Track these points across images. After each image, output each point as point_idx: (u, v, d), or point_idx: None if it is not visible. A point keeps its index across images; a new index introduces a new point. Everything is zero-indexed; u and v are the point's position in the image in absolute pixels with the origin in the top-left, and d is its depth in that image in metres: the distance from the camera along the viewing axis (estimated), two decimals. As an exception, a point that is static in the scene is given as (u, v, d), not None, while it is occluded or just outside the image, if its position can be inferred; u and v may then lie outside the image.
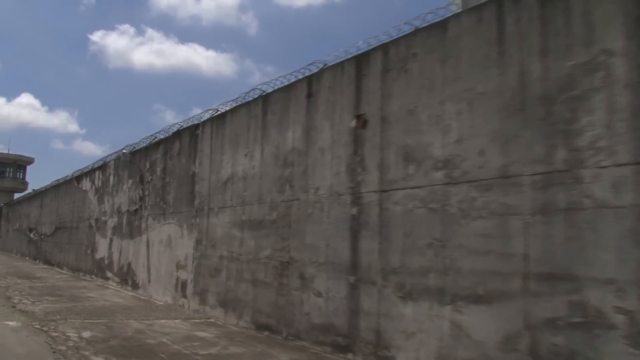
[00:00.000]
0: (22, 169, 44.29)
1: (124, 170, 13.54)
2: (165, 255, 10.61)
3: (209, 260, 8.96)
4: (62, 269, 19.07)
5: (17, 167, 43.60)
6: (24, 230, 28.61)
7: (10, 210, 34.80)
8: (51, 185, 24.35)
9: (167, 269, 10.47)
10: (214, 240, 8.91)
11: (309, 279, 6.60)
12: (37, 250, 24.85)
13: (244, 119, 8.47)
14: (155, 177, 11.59)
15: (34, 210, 26.72)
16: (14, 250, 31.22)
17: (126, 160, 12.35)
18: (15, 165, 43.29)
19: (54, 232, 21.66)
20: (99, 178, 15.85)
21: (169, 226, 10.63)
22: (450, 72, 5.21)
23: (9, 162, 42.77)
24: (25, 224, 28.71)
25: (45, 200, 24.47)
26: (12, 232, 32.87)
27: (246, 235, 8.00)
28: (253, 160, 8.06)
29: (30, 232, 26.84)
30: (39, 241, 24.70)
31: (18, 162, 43.36)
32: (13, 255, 30.42)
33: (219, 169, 9.02)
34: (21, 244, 29.20)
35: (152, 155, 11.84)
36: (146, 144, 12.61)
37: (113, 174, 14.49)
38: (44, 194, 24.90)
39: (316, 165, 6.76)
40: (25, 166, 44.82)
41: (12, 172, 42.94)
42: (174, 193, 10.57)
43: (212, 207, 9.11)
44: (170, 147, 10.98)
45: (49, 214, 23.11)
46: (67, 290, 12.09)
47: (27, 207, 28.87)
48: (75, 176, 19.25)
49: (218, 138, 9.20)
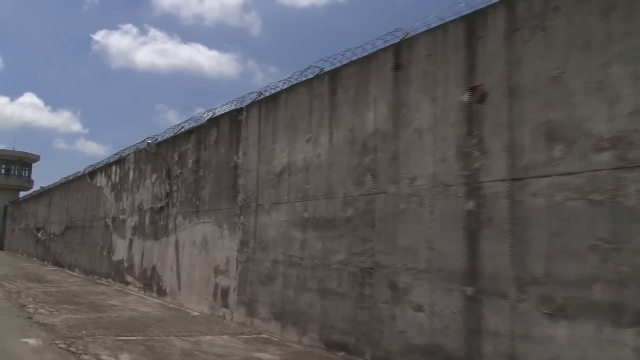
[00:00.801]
0: (27, 166, 42.88)
1: (147, 164, 12.30)
2: (200, 258, 9.35)
3: (259, 265, 7.70)
4: (74, 272, 17.80)
5: (23, 165, 42.18)
6: (31, 230, 27.34)
7: (16, 209, 33.52)
8: (60, 182, 23.12)
9: (203, 274, 9.21)
10: (264, 241, 7.65)
11: (403, 290, 5.35)
12: (45, 250, 23.57)
13: (304, 99, 7.22)
14: (185, 170, 10.34)
15: (42, 208, 25.46)
16: (20, 250, 29.95)
17: (151, 152, 11.10)
18: (21, 162, 41.87)
19: (64, 231, 20.40)
20: (116, 173, 14.60)
21: (204, 225, 9.37)
22: (618, 26, 3.98)
23: (14, 159, 41.37)
24: (32, 223, 27.44)
25: (54, 198, 23.21)
26: (18, 232, 31.59)
27: (310, 236, 6.75)
28: (318, 147, 6.81)
29: (38, 231, 25.57)
30: (47, 241, 23.43)
31: (24, 159, 41.95)
32: (19, 255, 29.15)
33: (270, 159, 7.77)
34: (28, 244, 27.93)
35: (182, 146, 10.59)
36: (173, 134, 11.36)
37: (133, 168, 13.24)
38: (53, 191, 23.65)
39: (410, 150, 5.51)
40: (31, 164, 43.41)
41: (17, 170, 41.58)
42: (211, 188, 9.31)
43: (261, 203, 7.86)
44: (205, 136, 9.73)
45: (59, 213, 21.85)
46: (85, 297, 10.82)
47: (34, 206, 27.61)
48: (88, 172, 18.00)
49: (268, 123, 7.96)
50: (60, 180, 23.38)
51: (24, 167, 42.42)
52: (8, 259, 25.97)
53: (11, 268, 18.97)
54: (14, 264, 21.88)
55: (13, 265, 20.90)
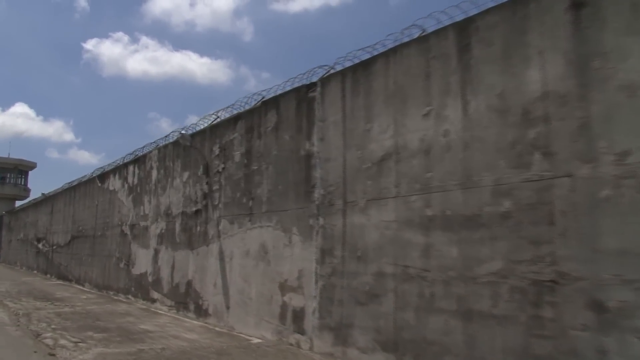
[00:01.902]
0: (23, 174, 40.76)
1: (175, 161, 10.47)
2: (258, 271, 7.54)
3: (353, 279, 5.91)
4: (84, 286, 15.85)
5: (19, 173, 40.06)
6: (31, 241, 25.29)
7: (13, 218, 31.41)
8: (64, 188, 21.18)
9: (263, 291, 7.39)
10: (360, 249, 5.87)
11: (617, 311, 3.59)
12: (47, 263, 21.56)
13: (415, 62, 5.47)
14: (230, 165, 8.54)
15: (43, 217, 23.45)
16: (19, 262, 27.85)
17: (186, 145, 9.27)
18: (17, 170, 39.76)
19: (70, 242, 18.44)
20: (135, 174, 12.76)
21: (261, 231, 7.57)
22: None
23: (10, 166, 39.25)
24: (31, 233, 25.40)
25: (57, 206, 21.24)
26: (15, 243, 29.49)
27: (437, 239, 4.97)
28: (443, 121, 5.05)
29: (39, 242, 23.54)
30: (49, 252, 21.43)
31: (19, 167, 39.86)
32: (18, 268, 27.05)
33: (363, 143, 6.00)
34: (27, 256, 25.86)
35: (224, 137, 8.79)
36: (211, 123, 9.56)
37: (157, 167, 11.40)
38: (56, 198, 21.67)
39: (614, 114, 3.78)
40: (27, 171, 41.29)
41: (13, 178, 39.48)
42: (270, 184, 7.52)
43: (352, 200, 6.08)
44: (259, 121, 7.94)
45: (63, 221, 19.89)
46: (109, 319, 8.94)
47: (34, 215, 25.58)
48: (98, 175, 16.12)
49: (358, 97, 6.20)
50: (63, 186, 21.47)
51: (19, 175, 40.43)
52: (6, 272, 23.89)
53: (12, 283, 16.98)
54: (14, 278, 19.86)
55: (13, 279, 18.89)
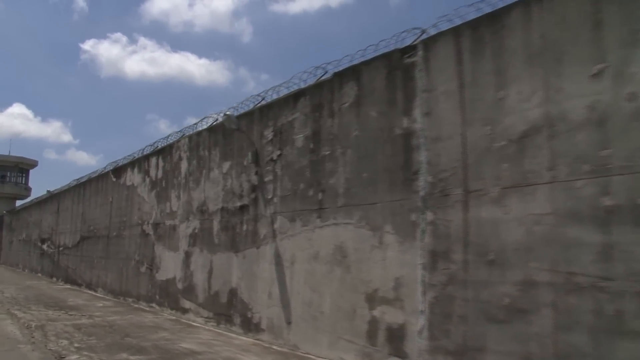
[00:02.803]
0: (24, 173, 39.14)
1: (212, 149, 9.01)
2: (332, 279, 6.08)
3: (482, 289, 4.47)
4: (97, 292, 14.34)
5: (19, 171, 38.47)
6: (34, 241, 23.77)
7: (15, 218, 29.86)
8: (71, 185, 19.70)
9: (340, 302, 5.94)
10: (493, 250, 4.43)
11: None
12: (53, 265, 20.04)
13: (577, 7, 4.04)
14: (290, 151, 7.09)
15: (48, 216, 21.94)
16: (21, 264, 26.33)
17: (232, 127, 7.80)
18: (17, 168, 38.15)
19: (79, 242, 16.94)
20: (158, 167, 11.30)
21: (336, 230, 6.12)
22: None
23: (10, 165, 37.65)
24: (35, 233, 23.88)
25: (64, 204, 19.75)
26: (17, 244, 27.94)
27: (624, 237, 3.54)
28: (627, 82, 3.64)
29: (43, 243, 22.03)
30: (55, 254, 19.92)
31: (20, 165, 38.24)
32: (20, 270, 25.52)
33: (493, 115, 4.58)
34: (30, 258, 24.33)
35: (281, 118, 7.34)
36: (257, 104, 8.11)
37: (187, 158, 9.94)
38: (62, 196, 20.17)
39: None
40: (28, 170, 39.65)
41: (14, 176, 37.90)
42: (349, 172, 6.07)
43: (476, 188, 4.65)
44: (330, 96, 6.50)
45: (70, 221, 18.39)
46: (140, 335, 7.47)
47: (38, 214, 24.06)
48: (112, 169, 14.65)
49: (483, 59, 4.77)
50: (71, 183, 19.99)
51: (20, 173, 38.87)
52: (8, 275, 22.36)
53: (17, 287, 15.47)
54: (17, 281, 18.34)
55: (17, 283, 17.38)
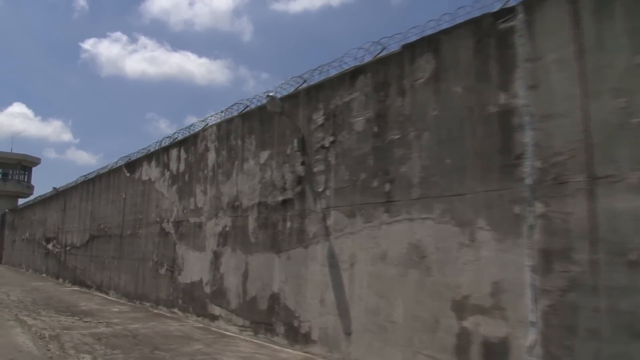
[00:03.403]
0: (27, 170, 38.13)
1: (246, 138, 8.12)
2: (407, 283, 5.18)
3: (624, 297, 3.58)
4: (109, 294, 13.43)
5: (22, 169, 37.49)
6: (39, 241, 22.87)
7: (17, 216, 28.95)
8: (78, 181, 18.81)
9: (417, 311, 5.04)
10: (634, 249, 3.56)
11: None
12: (59, 266, 19.14)
13: None
14: (347, 136, 6.19)
15: (53, 214, 21.04)
16: (24, 264, 25.43)
17: (276, 111, 6.89)
18: (20, 166, 37.16)
19: (88, 242, 16.04)
20: (180, 159, 10.40)
21: (411, 225, 5.22)
22: None
23: (13, 162, 36.65)
24: (39, 232, 22.98)
25: (71, 201, 18.85)
26: (20, 243, 27.03)
27: None
28: None
29: (48, 242, 21.13)
30: (62, 254, 19.01)
31: (23, 162, 37.23)
32: (23, 271, 24.61)
33: (627, 85, 3.72)
34: (34, 258, 23.42)
35: (334, 99, 6.43)
36: (297, 87, 7.22)
37: (216, 148, 9.04)
38: (69, 193, 19.28)
39: None
40: (31, 168, 38.65)
41: (16, 174, 36.94)
42: (426, 158, 5.18)
43: (607, 173, 3.76)
44: (399, 72, 5.60)
45: (78, 219, 17.49)
46: (171, 348, 6.56)
47: (42, 212, 23.15)
48: (125, 163, 13.75)
49: (611, 18, 3.89)
50: (78, 180, 19.10)
51: (23, 171, 37.89)
52: (12, 275, 21.45)
53: (23, 290, 14.56)
54: (22, 282, 17.43)
55: (22, 284, 16.46)
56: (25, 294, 13.30)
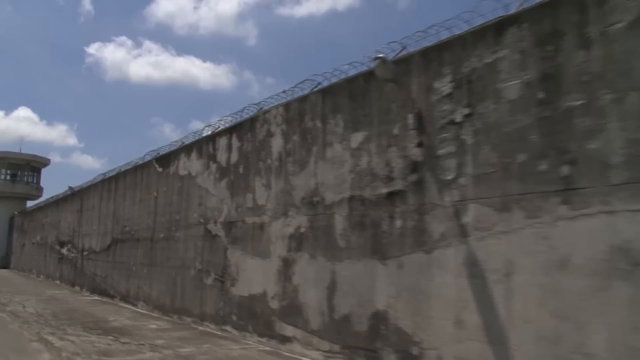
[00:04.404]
0: (36, 172, 37.25)
1: (329, 118, 6.82)
2: (612, 300, 3.80)
3: None
4: (137, 306, 12.17)
5: (31, 170, 36.62)
6: (51, 244, 21.78)
7: (27, 219, 27.95)
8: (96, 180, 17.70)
9: (632, 340, 3.69)
10: None
11: None
12: (75, 272, 17.98)
13: None
14: (490, 106, 4.86)
15: (68, 216, 19.94)
16: (35, 270, 24.38)
17: (387, 78, 5.60)
18: (29, 167, 36.32)
19: (110, 246, 14.85)
20: (231, 148, 9.14)
21: (610, 221, 3.83)
22: None
23: (22, 163, 35.76)
24: (52, 235, 21.90)
25: (88, 202, 17.72)
26: (30, 247, 26.00)
27: None
28: None
29: (62, 246, 20.01)
30: (78, 259, 17.86)
31: (32, 163, 36.38)
32: (34, 277, 23.54)
33: None
34: (47, 263, 22.33)
35: (468, 61, 5.09)
36: (401, 52, 5.94)
37: (283, 132, 7.76)
38: (86, 192, 18.16)
39: None
40: (40, 169, 37.73)
41: (26, 175, 36.05)
42: (636, 129, 3.87)
43: None
44: (581, 16, 4.29)
45: (98, 221, 16.33)
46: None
47: (55, 214, 22.08)
48: (156, 157, 12.55)
49: None
50: (97, 178, 17.99)
51: (32, 172, 37.06)
52: (23, 282, 20.34)
53: (38, 299, 13.37)
54: (36, 290, 16.26)
55: (37, 293, 15.28)
56: (43, 305, 12.10)
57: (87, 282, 16.56)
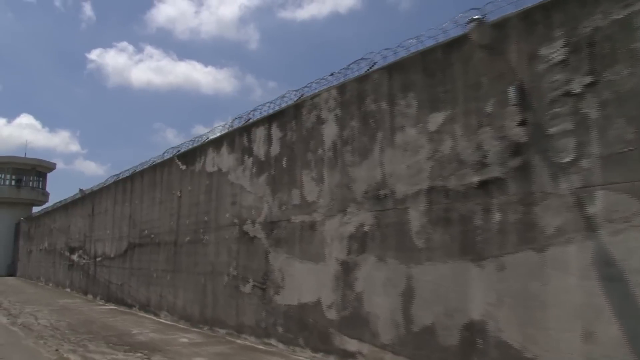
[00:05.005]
0: (42, 177, 36.74)
1: (397, 99, 6.06)
2: None
3: None
4: (160, 316, 11.44)
5: (37, 175, 36.13)
6: (60, 251, 21.14)
7: (34, 225, 27.37)
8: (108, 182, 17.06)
9: None
10: None
11: None
12: (88, 279, 17.30)
13: None
14: (617, 73, 4.12)
15: (79, 221, 19.30)
16: (43, 277, 23.78)
17: (483, 43, 4.79)
18: (34, 172, 35.81)
19: (127, 251, 14.15)
20: (271, 139, 8.41)
21: None
22: None
23: (27, 168, 35.25)
24: (61, 241, 21.26)
25: (100, 205, 17.06)
26: (37, 254, 25.39)
27: None
28: None
29: (72, 252, 19.35)
30: (90, 266, 17.18)
31: (37, 168, 35.91)
32: (42, 284, 22.92)
33: None
34: (55, 270, 21.69)
35: (589, 20, 4.33)
36: (471, 20, 5.20)
37: (337, 118, 7.00)
38: (98, 195, 17.51)
39: None
40: (46, 174, 37.26)
41: (31, 180, 35.54)
42: None
43: None
44: None
45: (112, 224, 15.65)
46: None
47: (64, 219, 21.45)
48: (179, 154, 11.86)
49: None
50: (108, 180, 17.35)
51: (37, 177, 36.54)
52: (32, 291, 19.69)
53: (51, 310, 12.67)
54: (47, 300, 15.57)
55: (48, 302, 14.59)
56: (57, 316, 11.39)
57: (101, 290, 15.85)
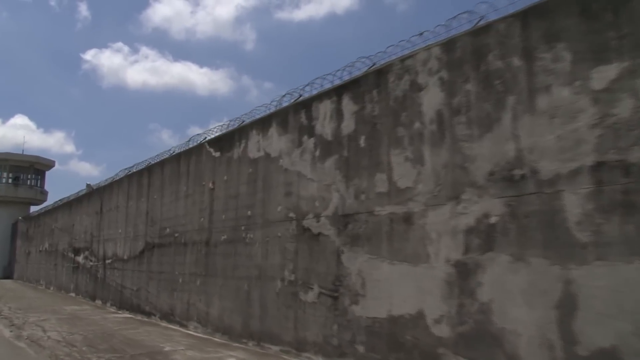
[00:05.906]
0: (40, 175, 35.54)
1: (535, 52, 4.75)
2: None
3: None
4: (188, 327, 10.13)
5: (35, 173, 34.93)
6: (63, 252, 19.88)
7: (32, 224, 26.12)
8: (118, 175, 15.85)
9: None
10: None
11: None
12: (96, 283, 16.02)
13: None
14: None
15: (85, 219, 18.05)
16: (43, 280, 22.55)
17: None
18: (32, 169, 34.62)
19: (144, 253, 12.87)
20: (341, 115, 7.13)
21: None
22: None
23: (25, 165, 34.06)
24: (63, 242, 20.01)
25: (110, 201, 15.81)
26: (37, 255, 24.13)
27: None
28: None
29: (78, 254, 18.09)
30: (98, 268, 15.90)
31: (36, 165, 34.71)
32: (43, 288, 21.68)
33: None
34: (57, 273, 20.42)
35: None
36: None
37: (442, 83, 5.73)
38: (107, 191, 16.27)
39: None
40: (44, 172, 36.07)
41: (28, 178, 34.35)
42: None
43: None
44: None
45: (125, 223, 14.39)
46: None
47: (67, 217, 20.22)
48: (210, 139, 10.61)
49: None
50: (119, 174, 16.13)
51: (35, 175, 35.43)
52: (33, 295, 18.41)
53: (59, 319, 11.38)
54: (51, 306, 14.28)
55: (54, 310, 13.29)
56: (68, 327, 10.09)
57: (111, 296, 14.56)
